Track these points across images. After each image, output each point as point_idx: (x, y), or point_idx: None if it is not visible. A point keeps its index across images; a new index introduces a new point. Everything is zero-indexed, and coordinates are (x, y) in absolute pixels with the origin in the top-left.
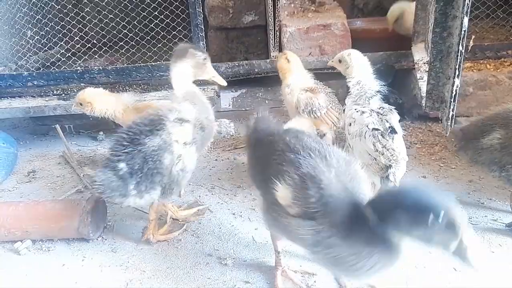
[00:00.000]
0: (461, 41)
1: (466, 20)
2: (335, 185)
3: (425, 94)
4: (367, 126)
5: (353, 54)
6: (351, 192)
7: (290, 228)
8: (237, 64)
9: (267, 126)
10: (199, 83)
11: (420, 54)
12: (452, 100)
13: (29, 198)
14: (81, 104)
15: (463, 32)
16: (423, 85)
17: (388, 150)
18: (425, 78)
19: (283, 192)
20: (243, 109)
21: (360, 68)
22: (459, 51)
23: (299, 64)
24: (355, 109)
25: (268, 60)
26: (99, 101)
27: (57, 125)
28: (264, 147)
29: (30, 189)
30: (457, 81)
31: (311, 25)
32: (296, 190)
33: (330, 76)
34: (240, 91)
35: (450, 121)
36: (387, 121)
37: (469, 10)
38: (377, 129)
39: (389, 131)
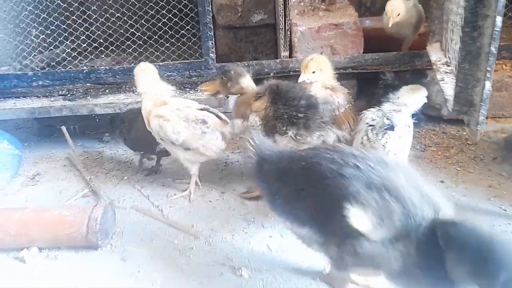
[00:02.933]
0: (492, 42)
1: (499, 19)
2: (414, 193)
3: (449, 97)
4: (366, 122)
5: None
6: (431, 202)
7: (376, 256)
8: (246, 64)
9: (277, 152)
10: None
11: (436, 55)
12: (482, 103)
13: (34, 203)
14: None
15: (495, 32)
16: (445, 87)
17: (371, 143)
18: (447, 79)
19: (359, 216)
20: None
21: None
22: (491, 52)
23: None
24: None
25: (278, 60)
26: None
27: (63, 126)
28: (296, 176)
29: (35, 193)
30: (488, 84)
31: (322, 24)
32: (377, 209)
33: (342, 76)
34: None
35: (479, 125)
36: (387, 119)
37: (503, 9)
38: (371, 125)
39: (385, 127)
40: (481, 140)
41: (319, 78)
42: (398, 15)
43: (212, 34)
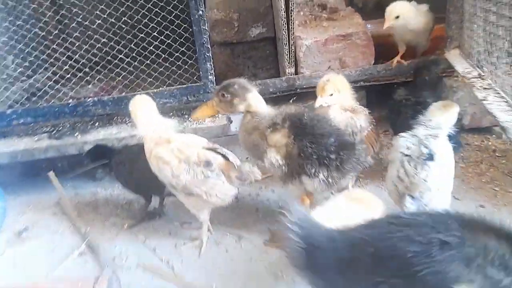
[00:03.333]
0: None
1: None
2: None
3: (508, 124)
4: (401, 151)
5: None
6: None
7: None
8: None
9: (329, 237)
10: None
11: (461, 64)
12: None
13: (23, 267)
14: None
15: None
16: (494, 109)
17: (410, 178)
18: (491, 98)
19: None
20: None
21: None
22: None
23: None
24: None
25: (283, 78)
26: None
27: (51, 172)
28: (367, 268)
29: (24, 254)
30: None
31: (329, 36)
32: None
33: (357, 89)
34: None
35: None
36: (425, 147)
37: None
38: (407, 155)
39: (423, 158)
40: (509, 150)
41: (337, 100)
42: (397, 17)
43: (210, 55)
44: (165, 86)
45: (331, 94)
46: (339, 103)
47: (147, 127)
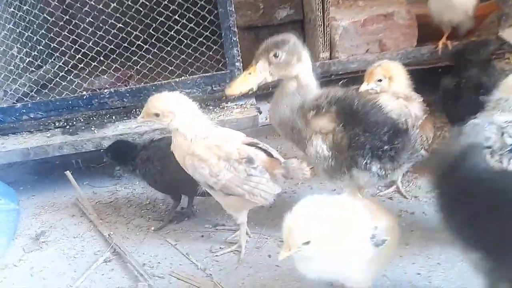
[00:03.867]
0: None
1: None
2: None
3: None
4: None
5: None
6: None
7: None
8: None
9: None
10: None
11: None
12: None
13: (42, 277)
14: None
15: None
16: None
17: None
18: None
19: None
20: None
21: None
22: None
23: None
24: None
25: (317, 64)
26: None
27: (68, 171)
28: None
29: (42, 261)
30: None
31: (368, 16)
32: None
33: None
34: None
35: None
36: (510, 136)
37: None
38: (488, 147)
39: (508, 149)
40: None
41: (387, 87)
42: None
43: (237, 40)
44: (187, 75)
45: (380, 80)
46: (390, 91)
47: (182, 123)
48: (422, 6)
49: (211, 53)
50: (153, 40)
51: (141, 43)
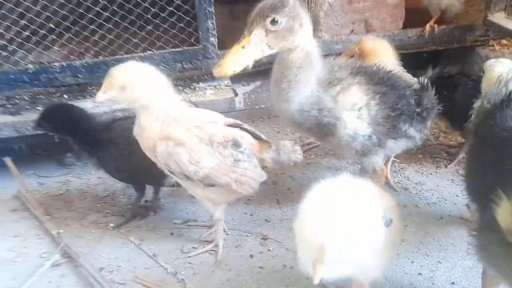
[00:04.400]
0: None
1: None
2: None
3: None
4: None
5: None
6: None
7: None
8: None
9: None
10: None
11: None
12: None
13: None
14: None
15: None
16: None
17: None
18: None
19: (505, 212)
20: (258, 106)
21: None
22: None
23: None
24: None
25: None
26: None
27: (7, 157)
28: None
29: None
30: None
31: None
32: None
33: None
34: (253, 84)
35: None
36: None
37: None
38: None
39: None
40: None
41: None
42: None
43: (212, 11)
44: (154, 50)
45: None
46: None
47: (150, 101)
48: None
49: (182, 25)
50: (114, 7)
51: (100, 10)
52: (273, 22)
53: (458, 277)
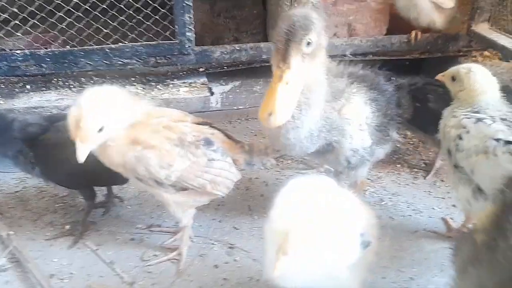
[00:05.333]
0: None
1: None
2: None
3: None
4: (494, 138)
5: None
6: None
7: None
8: (238, 48)
9: None
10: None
11: (505, 40)
12: None
13: None
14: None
15: None
16: None
17: None
18: None
19: None
20: (236, 107)
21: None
22: None
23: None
24: (465, 115)
25: None
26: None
27: None
28: None
29: None
30: None
31: None
32: None
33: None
34: (232, 84)
35: None
36: None
37: None
38: (509, 142)
39: None
40: None
41: None
42: None
43: (191, 4)
44: (126, 42)
45: None
46: None
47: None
48: None
49: (158, 17)
50: None
51: None
52: (309, 44)
53: None
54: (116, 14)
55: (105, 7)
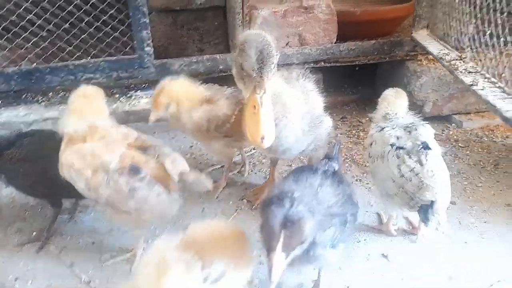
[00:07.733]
0: None
1: None
2: None
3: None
4: (390, 144)
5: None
6: None
7: None
8: (195, 60)
9: None
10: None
11: (435, 46)
12: None
13: None
14: None
15: None
16: (496, 101)
17: (418, 175)
18: (486, 86)
19: None
20: None
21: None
22: None
23: None
24: (375, 125)
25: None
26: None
27: None
28: None
29: None
30: None
31: (289, 7)
32: None
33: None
34: None
35: None
36: (417, 136)
37: None
38: (401, 148)
39: (419, 147)
40: (471, 140)
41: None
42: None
43: (147, 21)
44: (89, 58)
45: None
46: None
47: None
48: (344, 3)
49: (118, 34)
50: (48, 15)
51: (33, 17)
52: (275, 67)
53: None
54: (78, 32)
55: (68, 26)
